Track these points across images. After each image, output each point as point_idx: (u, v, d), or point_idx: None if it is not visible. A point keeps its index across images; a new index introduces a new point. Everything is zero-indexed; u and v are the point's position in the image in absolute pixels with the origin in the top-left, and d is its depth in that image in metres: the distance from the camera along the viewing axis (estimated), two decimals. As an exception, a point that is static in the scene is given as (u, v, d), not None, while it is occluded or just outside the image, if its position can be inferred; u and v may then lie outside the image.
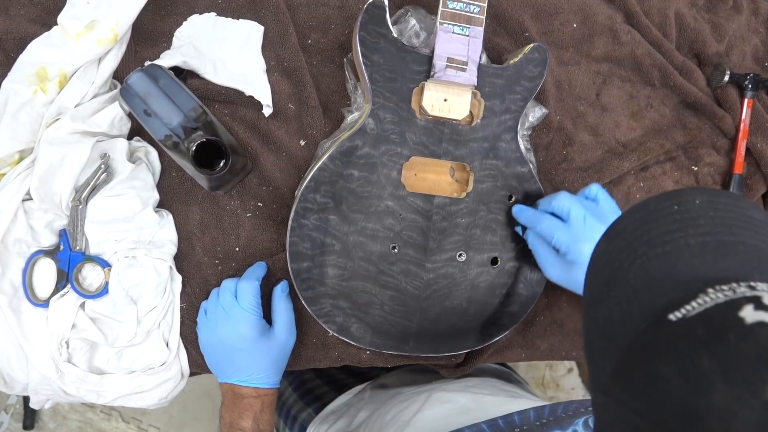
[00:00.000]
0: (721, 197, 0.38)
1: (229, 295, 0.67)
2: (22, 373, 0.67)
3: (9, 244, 0.65)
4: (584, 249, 0.64)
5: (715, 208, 0.37)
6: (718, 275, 0.32)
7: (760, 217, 0.37)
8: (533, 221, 0.68)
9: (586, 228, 0.64)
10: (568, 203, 0.66)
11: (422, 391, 0.74)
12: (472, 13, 0.66)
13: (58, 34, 0.64)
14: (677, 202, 0.37)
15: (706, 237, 0.35)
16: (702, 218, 0.36)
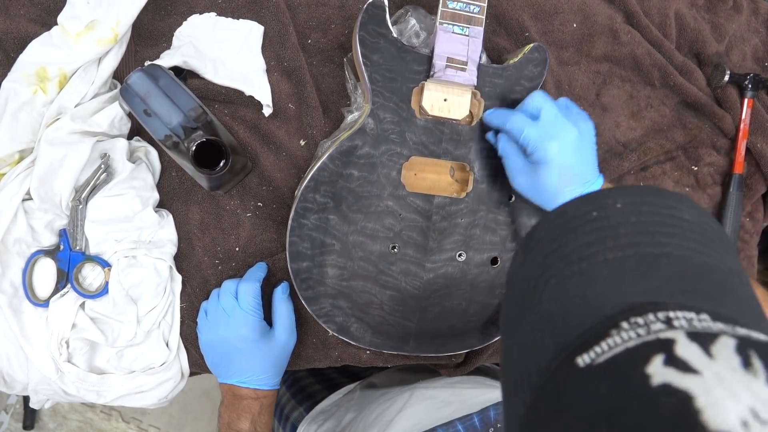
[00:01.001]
0: (647, 196, 0.34)
1: (229, 296, 0.67)
2: (22, 373, 0.67)
3: (9, 244, 0.65)
4: (551, 147, 0.61)
5: (638, 212, 0.33)
6: (635, 301, 0.29)
7: (691, 217, 0.33)
8: (504, 119, 0.64)
9: (556, 125, 0.61)
10: (540, 101, 0.63)
11: (407, 390, 0.74)
12: (471, 13, 0.66)
13: (58, 34, 0.64)
14: (597, 207, 0.33)
15: (627, 250, 0.31)
16: (623, 226, 0.32)
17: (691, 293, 0.29)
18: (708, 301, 0.29)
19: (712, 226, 0.34)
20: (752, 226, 0.88)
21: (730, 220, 0.84)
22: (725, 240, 0.34)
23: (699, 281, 0.30)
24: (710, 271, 0.31)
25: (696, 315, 0.27)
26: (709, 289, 0.30)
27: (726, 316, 0.27)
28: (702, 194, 0.86)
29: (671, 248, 0.31)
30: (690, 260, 0.31)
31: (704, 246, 0.32)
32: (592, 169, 0.64)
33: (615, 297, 0.29)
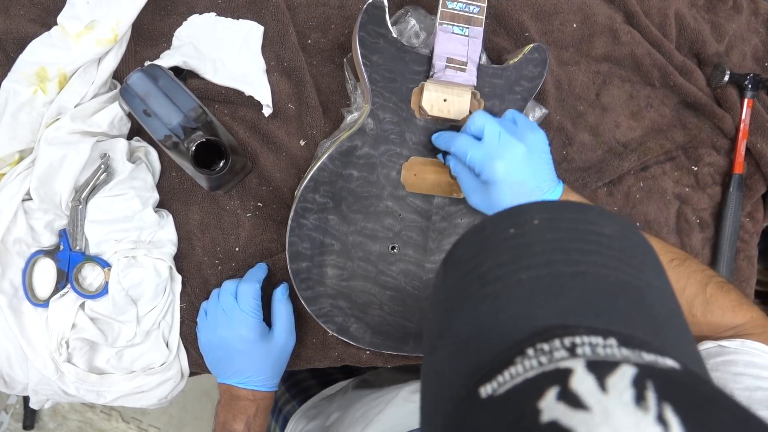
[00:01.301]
0: (565, 212, 0.33)
1: (229, 296, 0.67)
2: (22, 373, 0.67)
3: (9, 244, 0.65)
4: (497, 167, 0.59)
5: (555, 229, 0.32)
6: (544, 325, 0.28)
7: (612, 232, 0.32)
8: (449, 142, 0.64)
9: (500, 145, 0.60)
10: (482, 121, 0.61)
11: (394, 390, 0.74)
12: (471, 14, 0.66)
13: (58, 34, 0.64)
14: (515, 223, 0.32)
15: (541, 269, 0.30)
16: (538, 244, 0.31)
17: (604, 315, 0.28)
18: (621, 322, 0.28)
19: (635, 240, 0.32)
20: (752, 226, 0.88)
21: (730, 220, 0.84)
22: (649, 255, 0.33)
23: (614, 301, 0.29)
24: (627, 289, 0.29)
25: (603, 340, 0.26)
26: (624, 310, 0.28)
27: (636, 340, 0.26)
28: (702, 194, 0.86)
29: (587, 266, 0.30)
30: (606, 279, 0.29)
31: (623, 263, 0.30)
32: (548, 179, 0.62)
33: (526, 320, 0.28)
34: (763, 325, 0.58)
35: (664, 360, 0.25)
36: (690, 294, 0.59)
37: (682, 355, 0.27)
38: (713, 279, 0.60)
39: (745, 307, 0.59)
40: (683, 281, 0.59)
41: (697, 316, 0.59)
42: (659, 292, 0.31)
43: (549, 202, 0.33)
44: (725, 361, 0.53)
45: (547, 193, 0.62)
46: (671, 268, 0.60)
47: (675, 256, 0.61)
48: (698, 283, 0.59)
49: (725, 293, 0.59)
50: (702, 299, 0.59)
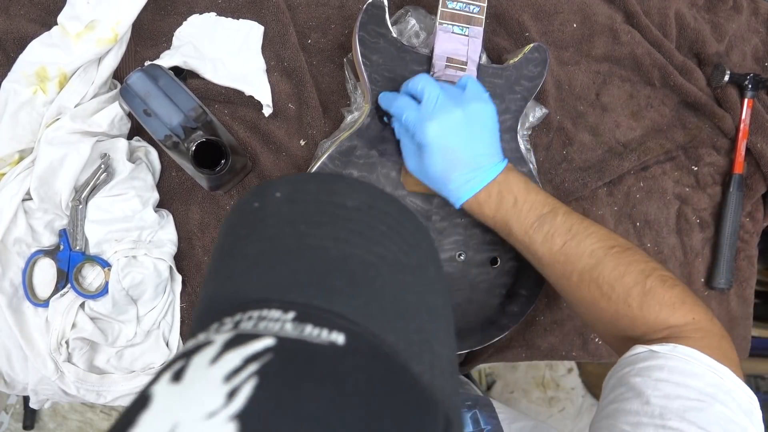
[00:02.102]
0: (308, 183, 0.32)
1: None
2: (22, 373, 0.67)
3: (9, 244, 0.65)
4: (428, 129, 0.58)
5: (292, 201, 0.32)
6: (249, 298, 0.28)
7: (355, 203, 0.31)
8: (389, 102, 0.62)
9: (436, 107, 0.58)
10: (423, 82, 0.60)
11: None
12: (471, 13, 0.66)
13: (58, 34, 0.64)
14: (260, 197, 0.32)
15: (266, 243, 0.30)
16: (272, 217, 0.31)
17: (309, 289, 0.28)
18: (325, 296, 0.27)
19: (384, 211, 0.32)
20: (752, 226, 0.88)
21: (730, 220, 0.84)
22: (397, 226, 0.32)
23: (326, 275, 0.28)
24: (349, 263, 0.29)
25: (281, 314, 0.26)
26: (334, 284, 0.28)
27: (319, 315, 0.26)
28: (702, 194, 0.86)
29: (312, 239, 0.30)
30: (327, 252, 0.29)
31: (357, 235, 0.30)
32: (487, 153, 0.60)
33: (238, 293, 0.29)
34: (704, 329, 0.54)
35: (329, 335, 0.25)
36: (628, 282, 0.56)
37: (388, 330, 0.27)
38: (657, 272, 0.56)
39: (686, 307, 0.55)
40: (622, 268, 0.56)
41: (633, 307, 0.55)
42: (395, 266, 0.30)
43: (298, 175, 0.33)
44: (651, 365, 0.50)
45: (483, 168, 0.59)
46: (611, 254, 0.57)
47: (617, 243, 0.58)
48: (639, 273, 0.56)
49: (668, 288, 0.55)
50: (640, 290, 0.55)
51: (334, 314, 0.26)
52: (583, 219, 0.60)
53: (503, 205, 0.60)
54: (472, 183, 0.59)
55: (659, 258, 0.84)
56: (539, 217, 0.59)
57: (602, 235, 0.59)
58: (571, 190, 0.79)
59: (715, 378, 0.49)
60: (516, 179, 0.60)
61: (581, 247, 0.58)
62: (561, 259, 0.59)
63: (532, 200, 0.60)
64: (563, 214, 0.59)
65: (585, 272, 0.58)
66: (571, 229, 0.58)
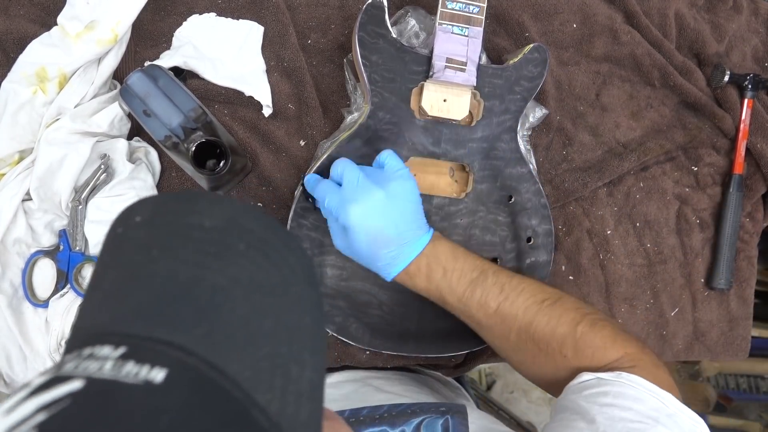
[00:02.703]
0: (167, 204, 0.31)
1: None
2: (22, 373, 0.67)
3: (9, 245, 0.65)
4: (350, 212, 0.58)
5: (150, 224, 0.30)
6: (102, 329, 0.27)
7: (214, 223, 0.30)
8: (312, 187, 0.64)
9: (357, 190, 0.59)
10: (341, 166, 0.61)
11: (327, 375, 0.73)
12: (471, 14, 0.66)
13: (58, 34, 0.64)
14: (123, 222, 0.31)
15: (122, 270, 0.29)
16: (129, 243, 0.30)
17: (152, 318, 0.27)
18: (168, 326, 0.26)
19: (247, 227, 0.31)
20: (752, 226, 0.88)
21: (730, 221, 0.84)
22: (259, 243, 0.30)
23: (173, 303, 0.27)
24: (198, 288, 0.28)
25: (112, 350, 0.25)
26: (179, 312, 0.27)
27: (150, 350, 0.25)
28: (702, 194, 0.86)
29: (161, 265, 0.28)
30: (176, 277, 0.28)
31: (211, 256, 0.29)
32: (412, 228, 0.60)
33: (89, 329, 0.28)
34: (636, 358, 0.56)
35: (149, 372, 0.24)
36: (560, 335, 0.58)
37: (232, 359, 0.26)
38: (586, 317, 0.58)
39: (618, 343, 0.57)
40: (554, 321, 0.58)
41: (568, 357, 0.58)
42: (251, 287, 0.29)
43: (160, 195, 0.32)
44: (599, 392, 0.52)
45: (409, 242, 0.60)
46: (543, 309, 0.59)
47: (548, 296, 0.59)
48: (569, 322, 0.58)
49: (597, 330, 0.58)
50: (572, 340, 0.57)
51: (172, 346, 0.25)
52: (513, 276, 0.61)
53: (433, 276, 0.61)
54: (400, 258, 0.60)
55: (659, 258, 0.84)
56: (470, 282, 0.60)
57: (533, 289, 0.60)
58: (571, 190, 0.79)
59: (657, 402, 0.51)
60: (443, 249, 0.61)
61: (515, 306, 0.59)
62: (497, 321, 0.60)
63: (460, 268, 0.61)
64: (493, 275, 0.60)
65: (522, 331, 0.59)
66: (503, 290, 0.60)
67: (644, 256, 0.84)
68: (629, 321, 0.83)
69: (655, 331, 0.84)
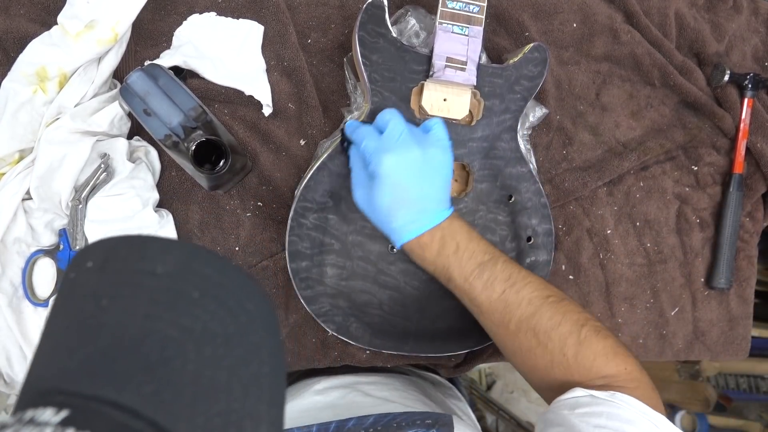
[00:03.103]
0: (120, 249, 0.30)
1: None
2: (22, 373, 0.67)
3: (9, 244, 0.65)
4: (384, 160, 0.57)
5: (101, 270, 0.29)
6: (48, 387, 0.26)
7: (165, 270, 0.29)
8: (353, 129, 0.62)
9: (397, 142, 0.58)
10: (390, 115, 0.60)
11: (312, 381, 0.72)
12: (471, 13, 0.66)
13: (58, 34, 0.64)
14: (76, 267, 0.30)
15: (71, 318, 0.28)
16: (80, 289, 0.29)
17: (99, 375, 0.26)
18: (114, 383, 0.25)
19: (201, 273, 0.29)
20: (752, 226, 0.88)
21: (730, 220, 0.84)
22: (214, 289, 0.29)
23: (121, 358, 0.26)
24: (145, 341, 0.27)
25: (53, 414, 0.24)
26: (126, 368, 0.26)
27: (88, 411, 0.24)
28: (702, 194, 0.86)
29: (110, 316, 0.27)
30: (124, 329, 0.27)
31: (162, 306, 0.28)
32: (436, 199, 0.60)
33: (34, 382, 0.27)
34: (636, 378, 0.56)
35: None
36: (564, 331, 0.57)
37: (180, 418, 0.25)
38: (590, 322, 0.58)
39: (619, 358, 0.57)
40: (559, 317, 0.58)
41: (568, 356, 0.57)
42: (204, 338, 0.28)
43: (112, 239, 0.31)
44: (591, 411, 0.52)
45: (428, 212, 0.60)
46: (547, 303, 0.59)
47: (552, 293, 0.60)
48: (574, 322, 0.58)
49: (601, 338, 0.57)
50: (575, 339, 0.57)
51: (118, 406, 0.24)
52: (521, 269, 0.61)
53: (444, 251, 0.60)
54: (417, 224, 0.60)
55: (659, 257, 0.84)
56: (480, 264, 0.60)
57: (539, 284, 0.60)
58: (571, 190, 0.79)
59: (650, 425, 0.51)
60: (460, 227, 0.61)
61: (520, 295, 0.59)
62: (500, 307, 0.60)
63: (473, 248, 0.60)
64: (503, 263, 0.60)
65: (523, 320, 0.59)
66: (510, 277, 0.60)
67: (644, 256, 0.84)
68: (629, 321, 0.83)
69: (655, 330, 0.84)
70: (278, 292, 0.73)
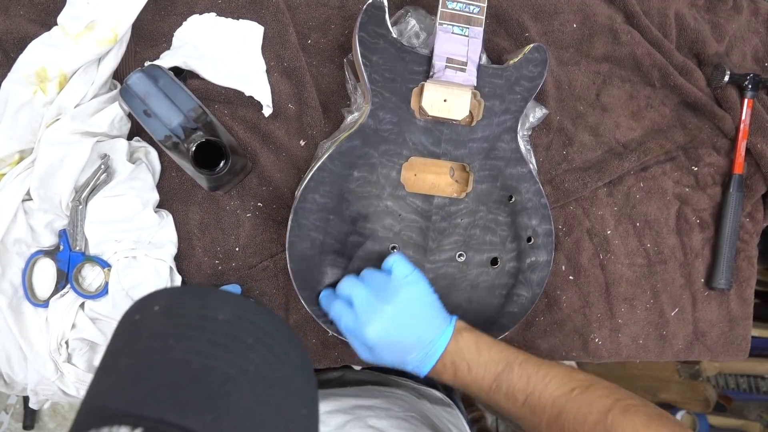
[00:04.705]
0: (182, 297, 0.34)
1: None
2: (22, 373, 0.67)
3: (9, 244, 0.65)
4: (367, 334, 0.60)
5: (168, 314, 0.33)
6: (112, 412, 0.29)
7: (225, 317, 0.33)
8: (328, 305, 0.65)
9: (368, 311, 0.60)
10: (348, 288, 0.63)
11: (352, 414, 0.72)
12: (471, 14, 0.66)
13: (58, 34, 0.64)
14: (141, 309, 0.34)
15: (139, 355, 0.32)
16: (146, 330, 0.33)
17: (165, 403, 0.29)
18: (178, 410, 0.28)
19: (254, 323, 0.33)
20: (752, 226, 0.88)
21: (730, 221, 0.84)
22: (265, 338, 0.33)
23: (183, 389, 0.29)
24: (208, 377, 0.30)
25: (130, 431, 0.27)
26: (190, 398, 0.29)
27: (160, 430, 0.27)
28: (702, 194, 0.86)
29: (175, 353, 0.31)
30: (188, 366, 0.30)
31: (222, 348, 0.31)
32: (432, 327, 0.61)
33: (101, 408, 0.30)
34: None
35: None
36: (591, 423, 0.56)
37: None
38: (618, 404, 0.56)
39: (652, 428, 0.55)
40: (584, 410, 0.57)
41: None
42: (256, 379, 0.31)
43: (176, 288, 0.34)
44: None
45: (432, 342, 0.61)
46: (571, 399, 0.57)
47: (578, 384, 0.58)
48: (599, 411, 0.56)
49: (630, 416, 0.55)
50: (602, 428, 0.55)
51: (183, 430, 0.27)
52: (540, 365, 0.60)
53: (459, 373, 0.61)
54: (426, 359, 0.61)
55: (659, 258, 0.84)
56: (496, 377, 0.60)
57: (562, 378, 0.59)
58: (571, 190, 0.79)
59: None
60: (466, 343, 0.61)
61: (542, 399, 0.58)
62: (527, 413, 0.59)
63: (485, 362, 0.61)
64: (518, 366, 0.60)
65: (551, 422, 0.58)
66: (529, 383, 0.59)
67: (644, 256, 0.84)
68: (629, 321, 0.83)
69: (655, 331, 0.84)
70: (278, 293, 0.73)
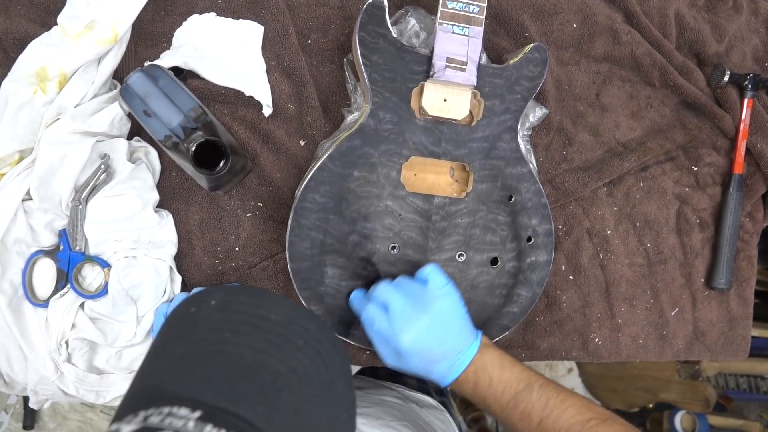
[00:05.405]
0: (240, 296, 0.36)
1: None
2: (22, 373, 0.67)
3: (9, 244, 0.65)
4: (401, 340, 0.60)
5: (224, 310, 0.35)
6: (167, 394, 0.30)
7: (278, 318, 0.34)
8: (360, 308, 0.65)
9: (404, 318, 0.61)
10: (385, 294, 0.62)
11: None
12: (471, 13, 0.66)
13: (58, 34, 0.64)
14: (197, 303, 0.36)
15: (194, 346, 0.34)
16: (203, 323, 0.35)
17: (222, 391, 0.30)
18: (233, 399, 0.30)
19: (304, 326, 0.35)
20: (752, 226, 0.88)
21: (730, 220, 0.84)
22: (314, 342, 0.35)
23: (238, 380, 0.31)
24: (261, 371, 0.32)
25: (189, 412, 0.28)
26: (244, 389, 0.31)
27: (223, 417, 0.29)
28: (702, 194, 0.86)
29: (230, 346, 0.33)
30: (243, 359, 0.32)
31: (274, 346, 0.33)
32: (461, 340, 0.62)
33: (156, 390, 0.31)
34: None
35: None
36: None
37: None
38: None
39: None
40: None
41: None
42: (305, 379, 0.33)
43: (231, 286, 0.37)
44: None
45: (461, 352, 0.62)
46: (588, 427, 0.58)
47: (595, 415, 0.59)
48: None
49: None
50: None
51: (238, 417, 0.29)
52: (560, 391, 0.61)
53: (479, 386, 0.62)
54: (452, 370, 0.62)
55: (659, 258, 0.84)
56: (515, 395, 0.61)
57: (579, 407, 0.60)
58: (571, 190, 0.79)
59: None
60: (490, 358, 0.63)
61: (558, 424, 0.59)
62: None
63: (506, 379, 0.61)
64: (539, 388, 0.61)
65: None
66: (546, 405, 0.60)
67: (644, 256, 0.84)
68: (629, 321, 0.83)
69: (655, 331, 0.84)
70: (278, 293, 0.73)
